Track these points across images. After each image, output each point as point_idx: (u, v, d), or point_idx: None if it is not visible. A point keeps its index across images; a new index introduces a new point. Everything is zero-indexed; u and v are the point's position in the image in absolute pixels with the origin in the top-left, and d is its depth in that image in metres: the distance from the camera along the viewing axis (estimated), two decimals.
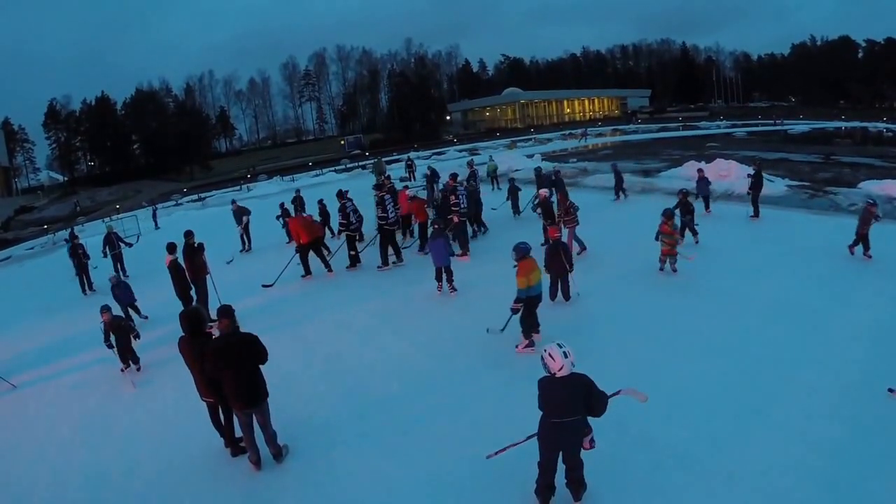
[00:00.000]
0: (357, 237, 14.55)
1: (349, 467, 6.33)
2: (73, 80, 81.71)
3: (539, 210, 13.38)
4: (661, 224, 11.02)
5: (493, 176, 23.60)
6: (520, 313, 8.37)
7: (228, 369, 5.98)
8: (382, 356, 8.87)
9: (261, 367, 6.15)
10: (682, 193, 13.07)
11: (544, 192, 13.43)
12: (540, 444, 5.13)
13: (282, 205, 19.61)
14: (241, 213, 18.45)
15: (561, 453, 5.10)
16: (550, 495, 5.26)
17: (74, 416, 8.47)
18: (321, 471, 6.33)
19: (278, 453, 6.45)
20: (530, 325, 8.44)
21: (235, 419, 6.40)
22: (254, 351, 6.04)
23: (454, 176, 15.26)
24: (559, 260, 9.68)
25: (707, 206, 15.87)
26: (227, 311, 6.10)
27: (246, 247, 18.25)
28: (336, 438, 6.88)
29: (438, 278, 11.32)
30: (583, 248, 12.89)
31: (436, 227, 11.51)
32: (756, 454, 5.72)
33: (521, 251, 8.25)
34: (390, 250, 13.60)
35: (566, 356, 4.80)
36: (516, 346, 8.48)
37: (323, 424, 7.23)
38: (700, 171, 16.55)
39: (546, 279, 9.22)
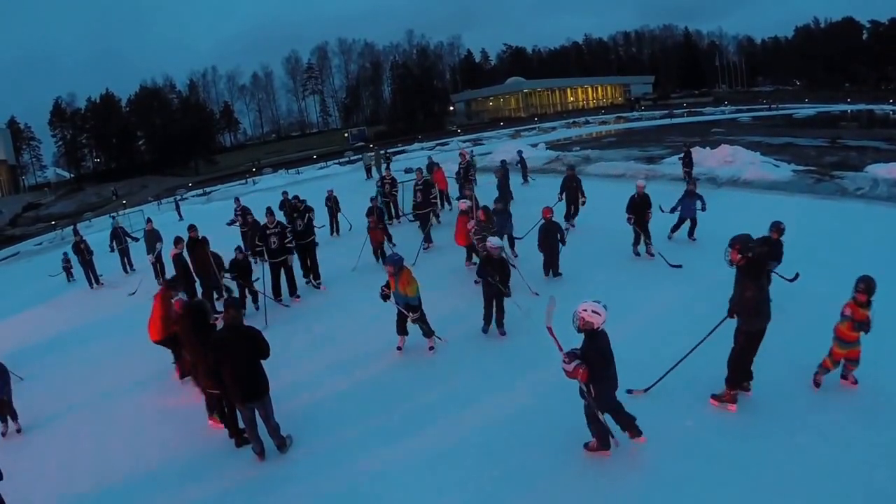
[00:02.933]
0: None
1: (355, 455, 6.39)
2: (77, 78, 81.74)
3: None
4: (848, 304, 6.22)
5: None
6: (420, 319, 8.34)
7: (228, 362, 5.99)
8: (388, 346, 8.87)
9: (263, 360, 6.15)
10: (775, 230, 8.68)
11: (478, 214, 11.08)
12: (611, 395, 5.49)
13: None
14: (153, 239, 15.28)
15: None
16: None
17: (81, 408, 8.58)
18: (326, 459, 6.39)
19: (282, 444, 6.50)
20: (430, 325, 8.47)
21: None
22: (255, 345, 6.03)
23: (420, 171, 15.05)
24: (552, 238, 10.58)
25: (691, 233, 12.37)
26: (233, 303, 6.14)
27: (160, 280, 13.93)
28: (341, 427, 6.94)
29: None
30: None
31: (497, 206, 11.51)
32: (762, 443, 5.71)
33: (397, 262, 8.06)
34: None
35: (606, 309, 5.13)
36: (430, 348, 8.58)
37: (328, 413, 7.30)
38: (692, 183, 12.60)
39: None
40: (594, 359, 5.18)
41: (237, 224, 15.62)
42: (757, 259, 5.99)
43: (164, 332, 8.39)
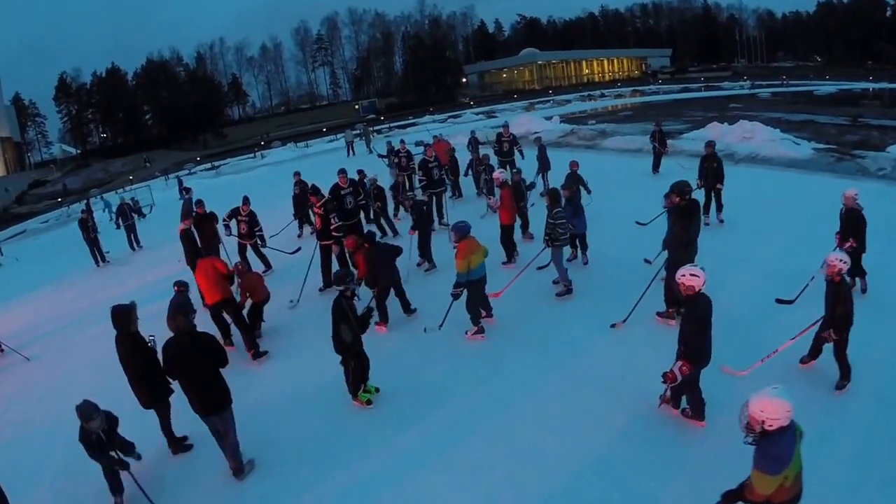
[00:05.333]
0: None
1: (359, 435, 6.38)
2: (82, 53, 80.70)
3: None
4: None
5: None
6: (463, 299, 8.07)
7: (183, 373, 5.59)
8: (402, 333, 8.75)
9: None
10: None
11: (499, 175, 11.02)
12: (703, 363, 5.54)
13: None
14: (190, 209, 13.99)
15: None
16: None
17: (87, 389, 8.43)
18: (330, 437, 6.41)
19: (238, 469, 5.95)
20: (477, 311, 8.16)
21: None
22: (211, 353, 5.56)
23: (429, 146, 13.94)
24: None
25: None
26: (181, 309, 5.63)
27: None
28: (349, 417, 6.88)
29: (574, 245, 10.35)
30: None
31: (567, 194, 9.77)
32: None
33: (461, 231, 7.88)
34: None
35: (703, 271, 5.30)
36: (466, 333, 8.22)
37: (332, 395, 7.20)
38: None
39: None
40: (690, 326, 5.39)
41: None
42: (686, 203, 7.30)
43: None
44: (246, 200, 12.20)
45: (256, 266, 11.72)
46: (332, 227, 10.41)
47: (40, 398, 8.59)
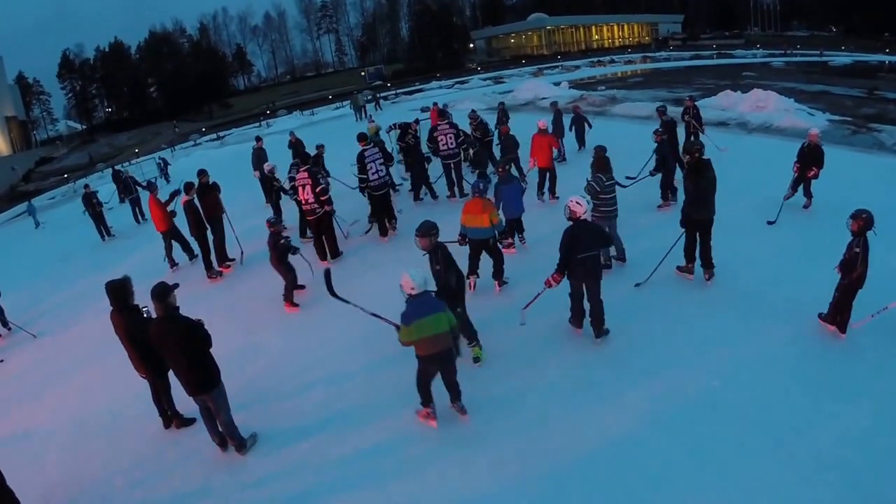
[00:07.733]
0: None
1: (360, 407, 6.40)
2: (85, 28, 79.77)
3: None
4: None
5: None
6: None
7: (171, 356, 5.54)
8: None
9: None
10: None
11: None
12: (570, 279, 6.68)
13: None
14: (261, 158, 15.32)
15: (584, 285, 6.69)
16: (583, 318, 6.99)
17: (94, 364, 8.48)
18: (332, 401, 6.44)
19: (240, 445, 5.96)
20: (472, 266, 8.53)
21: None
22: (191, 337, 5.45)
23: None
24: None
25: None
26: (160, 294, 5.44)
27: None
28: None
29: (511, 234, 9.77)
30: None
31: (502, 169, 9.48)
32: (794, 411, 5.46)
33: (471, 190, 8.37)
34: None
35: (588, 203, 6.62)
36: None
37: (333, 367, 7.20)
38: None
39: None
40: (562, 241, 6.46)
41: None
42: (695, 161, 7.53)
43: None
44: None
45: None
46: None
47: (47, 375, 8.61)
